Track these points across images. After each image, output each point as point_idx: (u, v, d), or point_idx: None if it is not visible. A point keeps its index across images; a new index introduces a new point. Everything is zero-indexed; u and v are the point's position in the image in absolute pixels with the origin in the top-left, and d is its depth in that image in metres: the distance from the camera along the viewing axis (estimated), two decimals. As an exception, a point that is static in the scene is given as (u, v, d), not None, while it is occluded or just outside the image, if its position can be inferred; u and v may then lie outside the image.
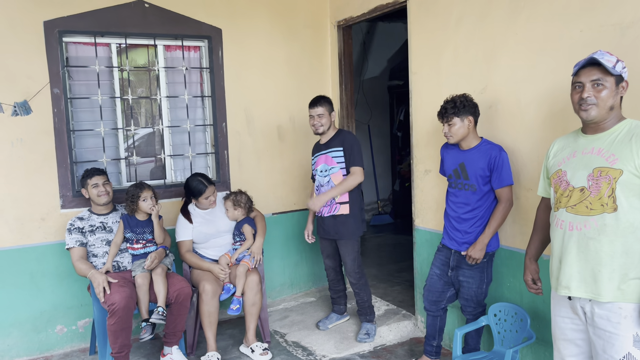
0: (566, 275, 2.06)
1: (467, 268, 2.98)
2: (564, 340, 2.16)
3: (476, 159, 2.90)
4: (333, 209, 3.62)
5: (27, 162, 3.56)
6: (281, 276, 4.65)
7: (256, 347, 3.50)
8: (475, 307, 3.03)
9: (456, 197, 3.02)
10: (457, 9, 3.31)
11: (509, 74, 2.99)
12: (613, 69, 1.95)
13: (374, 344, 3.68)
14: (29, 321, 3.63)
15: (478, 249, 2.87)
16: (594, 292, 1.98)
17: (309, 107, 3.65)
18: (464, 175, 2.96)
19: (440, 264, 3.11)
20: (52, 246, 3.66)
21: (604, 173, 1.95)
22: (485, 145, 2.92)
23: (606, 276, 1.95)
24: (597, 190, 1.96)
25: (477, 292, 2.99)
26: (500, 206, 2.86)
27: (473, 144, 2.94)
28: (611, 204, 1.93)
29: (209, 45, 4.16)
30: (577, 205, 2.03)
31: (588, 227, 1.99)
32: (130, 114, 4.03)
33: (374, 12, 4.15)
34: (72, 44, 3.77)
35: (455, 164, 3.02)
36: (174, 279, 3.39)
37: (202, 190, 3.58)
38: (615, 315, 1.93)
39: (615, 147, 1.96)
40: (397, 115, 8.00)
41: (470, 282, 2.98)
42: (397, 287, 4.78)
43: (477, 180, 2.89)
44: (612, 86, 1.98)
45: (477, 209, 2.93)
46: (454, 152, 3.04)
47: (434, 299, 3.15)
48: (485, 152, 2.87)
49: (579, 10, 2.58)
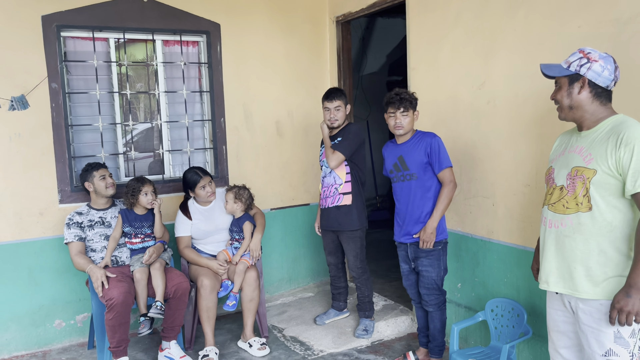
0: (545, 270, 2.12)
1: (424, 257, 3.07)
2: (557, 332, 2.20)
3: (413, 148, 3.05)
4: (336, 199, 3.63)
5: (25, 156, 3.56)
6: (279, 271, 4.66)
7: (254, 342, 3.51)
8: (437, 295, 3.11)
9: (400, 190, 3.12)
10: (455, 5, 3.30)
11: (507, 70, 2.99)
12: (567, 70, 2.01)
13: (371, 339, 3.69)
14: (28, 315, 3.64)
15: (428, 232, 2.98)
16: (571, 288, 2.02)
17: (326, 100, 3.60)
18: (403, 166, 3.07)
19: (405, 258, 3.21)
20: (51, 241, 3.66)
21: (580, 173, 1.97)
22: (419, 135, 3.08)
23: (582, 273, 1.98)
24: (572, 189, 1.99)
25: (436, 279, 3.08)
26: (445, 188, 3.00)
27: (409, 137, 3.09)
28: (586, 203, 1.95)
29: (207, 41, 4.15)
30: (556, 203, 2.07)
31: (564, 226, 2.03)
32: (129, 109, 4.03)
33: (372, 8, 4.15)
34: (70, 39, 3.76)
35: (394, 159, 3.14)
36: (173, 273, 3.39)
37: (197, 180, 3.57)
38: (597, 311, 1.96)
39: (594, 146, 1.96)
40: (396, 111, 7.98)
41: (430, 270, 3.07)
42: (395, 282, 4.79)
43: (417, 168, 3.02)
44: (565, 86, 2.03)
45: (421, 196, 3.03)
46: (391, 148, 3.19)
47: (414, 290, 3.26)
48: (421, 140, 3.04)
49: (577, 6, 2.58)
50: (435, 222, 2.99)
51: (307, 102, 4.66)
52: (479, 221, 3.27)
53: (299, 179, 4.68)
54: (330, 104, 3.58)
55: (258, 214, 3.80)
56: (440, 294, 3.12)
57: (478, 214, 3.26)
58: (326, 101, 3.60)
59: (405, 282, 3.27)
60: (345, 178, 3.61)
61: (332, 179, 3.63)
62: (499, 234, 3.12)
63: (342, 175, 3.61)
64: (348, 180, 3.61)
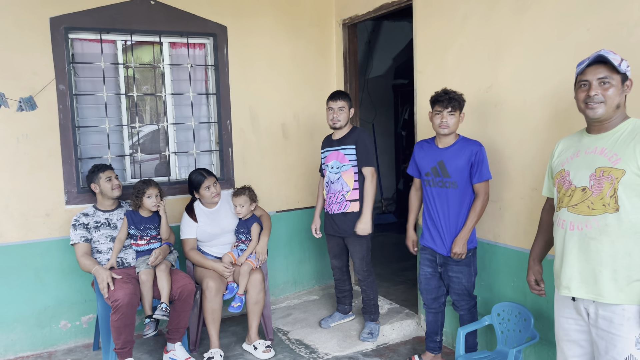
0: (567, 275, 2.05)
1: (454, 264, 3.01)
2: (567, 341, 2.15)
3: (456, 155, 2.94)
4: (343, 206, 3.61)
5: (32, 157, 3.58)
6: (284, 274, 4.66)
7: (259, 345, 3.51)
8: (468, 301, 3.07)
9: (437, 196, 3.03)
10: (462, 8, 3.30)
11: (515, 73, 2.98)
12: (619, 67, 1.95)
13: (377, 343, 3.68)
14: (33, 316, 3.65)
15: (460, 245, 2.92)
16: (595, 293, 1.97)
17: (330, 100, 3.62)
18: (443, 173, 2.98)
19: (429, 263, 3.15)
20: (57, 242, 3.67)
21: (607, 173, 1.93)
22: (464, 141, 2.97)
23: (607, 277, 1.93)
24: (599, 190, 1.95)
25: (468, 286, 3.03)
26: (479, 200, 2.92)
27: (452, 141, 2.99)
28: (613, 204, 1.91)
29: (214, 43, 4.16)
30: (578, 204, 2.01)
31: (589, 227, 1.97)
32: (135, 111, 4.04)
33: (379, 11, 4.15)
34: (77, 41, 3.78)
35: (432, 162, 3.03)
36: (178, 275, 3.39)
37: (201, 180, 3.58)
38: (618, 316, 1.92)
39: (618, 147, 1.95)
40: (401, 114, 7.99)
41: (460, 276, 3.02)
42: (400, 286, 4.78)
43: (459, 177, 2.93)
44: (618, 84, 1.97)
45: (460, 206, 2.96)
46: (431, 151, 3.06)
47: (432, 296, 3.18)
48: (466, 148, 2.92)
49: (585, 9, 2.57)
50: (467, 233, 2.92)
51: (313, 104, 4.66)
52: (486, 225, 3.25)
53: (304, 182, 4.68)
54: (334, 104, 3.59)
55: (264, 216, 3.80)
56: (471, 299, 3.08)
57: (484, 217, 3.24)
58: (330, 101, 3.62)
59: (424, 286, 3.19)
60: (353, 185, 3.59)
61: (340, 185, 3.62)
62: (505, 238, 3.11)
63: (350, 182, 3.60)
64: (356, 187, 3.60)
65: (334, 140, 3.70)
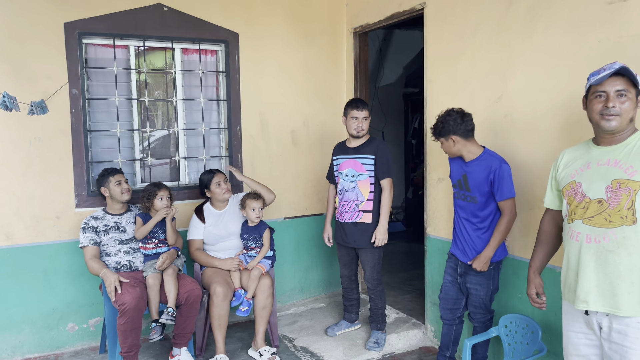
0: (584, 289, 2.00)
1: (474, 275, 2.97)
2: (577, 356, 2.11)
3: (477, 171, 2.89)
4: (355, 215, 3.60)
5: (44, 160, 3.62)
6: (291, 281, 4.65)
7: (264, 351, 3.50)
8: (484, 314, 3.02)
9: (461, 209, 3.03)
10: (473, 18, 3.30)
11: (525, 84, 2.97)
12: (636, 81, 1.94)
13: (382, 352, 3.66)
14: (41, 318, 3.67)
15: (482, 262, 2.87)
16: (612, 306, 1.94)
17: (354, 109, 3.56)
18: (466, 187, 2.96)
19: (451, 271, 3.11)
20: (66, 244, 3.70)
21: (624, 185, 1.91)
22: (486, 156, 2.89)
23: (625, 290, 1.91)
24: (616, 202, 1.92)
25: (485, 299, 2.98)
26: (504, 219, 2.84)
27: (474, 156, 2.93)
28: (630, 216, 1.89)
29: (225, 49, 4.19)
30: (594, 217, 1.98)
31: (607, 240, 1.94)
32: (147, 116, 4.07)
33: (390, 20, 4.16)
34: (91, 46, 3.83)
35: (459, 175, 3.02)
36: (185, 280, 3.40)
37: (212, 176, 3.66)
38: (633, 329, 1.90)
39: (632, 159, 1.93)
40: (411, 123, 7.98)
41: (478, 288, 2.97)
42: (407, 296, 4.75)
43: (478, 193, 2.88)
44: (634, 98, 1.96)
45: (481, 221, 2.92)
46: (459, 163, 3.04)
47: (449, 306, 3.13)
48: (486, 165, 2.85)
49: (597, 21, 2.55)
50: (490, 252, 2.85)
51: (323, 112, 4.67)
52: (494, 235, 3.22)
53: (312, 189, 4.68)
54: (359, 113, 3.56)
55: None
56: (487, 313, 3.02)
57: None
58: (355, 110, 3.56)
59: (442, 294, 3.15)
60: (368, 196, 3.58)
61: (355, 194, 3.60)
62: (514, 249, 3.08)
63: (365, 192, 3.58)
64: (370, 198, 3.58)
65: (349, 148, 3.68)
